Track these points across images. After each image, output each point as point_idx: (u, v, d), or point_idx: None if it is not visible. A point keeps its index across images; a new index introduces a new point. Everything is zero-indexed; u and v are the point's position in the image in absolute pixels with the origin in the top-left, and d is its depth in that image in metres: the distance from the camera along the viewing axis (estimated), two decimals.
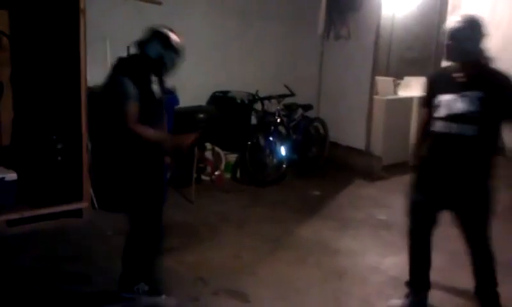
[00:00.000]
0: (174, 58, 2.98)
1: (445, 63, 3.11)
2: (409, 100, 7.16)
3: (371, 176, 6.32)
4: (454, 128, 2.90)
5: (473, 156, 2.92)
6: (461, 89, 2.88)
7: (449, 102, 2.91)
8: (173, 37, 2.98)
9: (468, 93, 2.85)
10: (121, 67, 2.92)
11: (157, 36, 2.95)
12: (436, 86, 3.05)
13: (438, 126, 2.97)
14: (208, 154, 5.84)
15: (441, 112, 2.94)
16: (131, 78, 2.80)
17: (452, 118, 2.90)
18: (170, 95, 4.94)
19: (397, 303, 3.31)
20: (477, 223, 3.08)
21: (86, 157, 4.45)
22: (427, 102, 3.08)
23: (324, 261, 3.96)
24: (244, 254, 3.99)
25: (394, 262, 4.02)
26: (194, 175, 5.27)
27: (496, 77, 2.90)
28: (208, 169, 5.79)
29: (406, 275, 3.75)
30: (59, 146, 4.52)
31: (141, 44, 2.97)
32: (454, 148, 2.96)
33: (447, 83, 2.96)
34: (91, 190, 4.61)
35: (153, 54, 2.93)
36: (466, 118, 2.85)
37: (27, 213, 4.19)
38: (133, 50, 3.08)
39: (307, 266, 3.87)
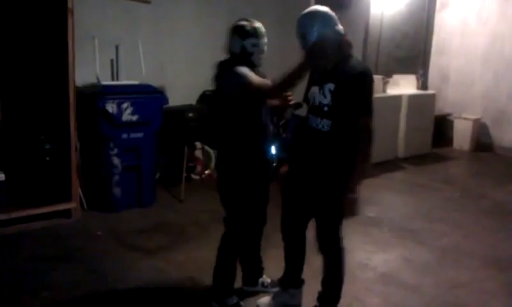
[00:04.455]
0: (257, 43, 2.91)
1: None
2: (398, 98, 7.21)
3: None
4: (312, 121, 2.79)
5: (325, 153, 2.75)
6: (323, 80, 2.73)
7: (313, 94, 2.78)
8: (246, 23, 2.92)
9: (325, 84, 2.71)
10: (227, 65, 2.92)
11: (233, 32, 2.93)
12: (311, 77, 2.90)
13: (307, 118, 2.85)
14: (198, 153, 5.83)
15: (309, 104, 2.84)
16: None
17: (312, 110, 2.79)
18: (158, 94, 4.94)
19: (265, 301, 3.22)
20: (325, 227, 2.91)
21: (74, 157, 4.42)
22: (305, 94, 2.92)
23: (314, 258, 3.94)
24: None
25: (383, 259, 4.05)
26: (184, 174, 5.26)
27: (351, 69, 2.67)
28: (198, 168, 5.78)
29: (395, 272, 3.80)
30: (48, 147, 4.51)
31: (226, 48, 2.97)
32: (309, 143, 2.84)
33: (318, 73, 2.80)
34: (80, 191, 4.59)
35: (237, 50, 2.91)
36: (321, 111, 2.71)
37: (16, 214, 4.16)
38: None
39: None
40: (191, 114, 5.39)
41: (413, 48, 8.36)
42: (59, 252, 3.89)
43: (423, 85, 8.27)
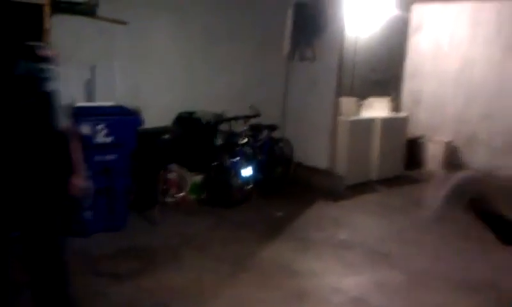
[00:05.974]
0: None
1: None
2: (371, 120, 7.32)
3: (334, 196, 6.40)
4: None
5: None
6: None
7: None
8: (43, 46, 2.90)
9: None
10: None
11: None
12: None
13: None
14: (172, 175, 5.80)
15: None
16: None
17: None
18: (133, 116, 4.92)
19: None
20: None
21: None
22: None
23: (286, 282, 3.97)
24: (206, 277, 3.97)
25: (355, 282, 4.08)
26: (159, 197, 5.22)
27: None
28: (173, 190, 5.74)
29: (367, 296, 3.83)
30: None
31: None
32: None
33: None
34: None
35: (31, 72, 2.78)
36: None
37: None
38: None
39: (269, 288, 3.88)
40: (165, 136, 5.39)
41: (388, 71, 8.51)
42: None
43: (396, 108, 8.41)
